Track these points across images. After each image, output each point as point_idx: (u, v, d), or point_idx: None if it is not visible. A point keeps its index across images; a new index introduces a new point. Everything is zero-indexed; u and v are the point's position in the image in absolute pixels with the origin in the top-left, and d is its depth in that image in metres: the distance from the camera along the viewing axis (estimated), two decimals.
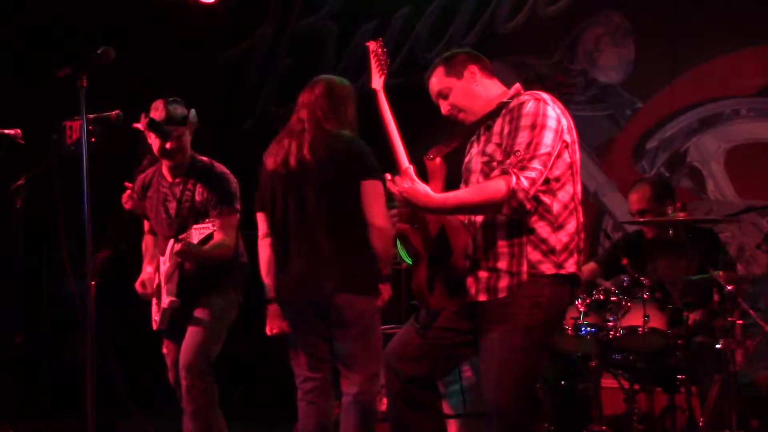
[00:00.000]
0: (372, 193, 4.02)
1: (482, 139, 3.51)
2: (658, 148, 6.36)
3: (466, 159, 3.61)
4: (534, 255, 3.32)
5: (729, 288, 4.58)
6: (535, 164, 3.24)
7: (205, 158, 4.74)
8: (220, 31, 8.30)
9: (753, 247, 5.87)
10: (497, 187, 3.23)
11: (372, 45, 3.64)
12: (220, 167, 4.71)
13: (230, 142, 7.81)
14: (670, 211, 5.01)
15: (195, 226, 4.40)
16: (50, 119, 4.78)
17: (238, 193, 4.67)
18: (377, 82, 3.59)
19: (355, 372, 4.09)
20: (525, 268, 3.32)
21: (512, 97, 3.47)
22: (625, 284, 4.93)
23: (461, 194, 3.37)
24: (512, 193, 3.20)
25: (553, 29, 6.78)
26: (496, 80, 3.63)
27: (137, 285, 4.65)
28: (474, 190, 3.36)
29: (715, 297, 4.77)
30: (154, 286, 4.61)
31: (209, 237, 4.44)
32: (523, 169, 3.23)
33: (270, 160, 4.21)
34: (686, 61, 6.28)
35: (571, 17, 6.72)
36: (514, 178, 3.21)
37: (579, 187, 3.44)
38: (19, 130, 4.40)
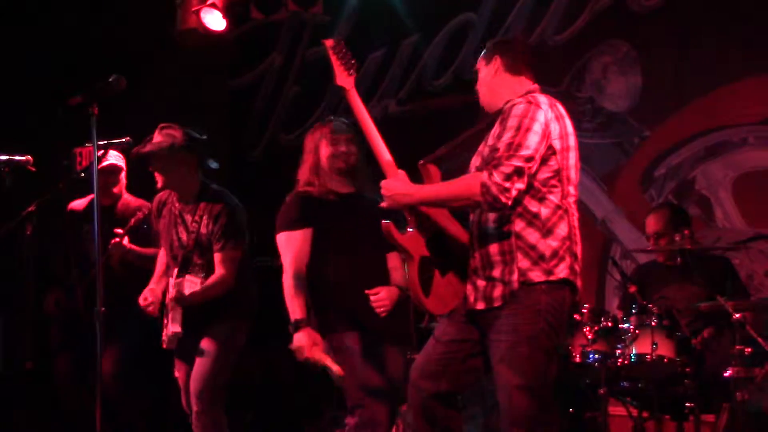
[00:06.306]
0: None
1: (484, 141, 3.53)
2: (666, 176, 6.35)
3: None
4: (524, 263, 3.33)
5: (736, 316, 4.56)
6: (513, 161, 3.26)
7: (216, 186, 4.74)
8: (230, 60, 8.35)
9: (762, 275, 5.86)
10: (471, 181, 3.31)
11: (329, 42, 3.57)
12: (230, 197, 4.69)
13: (238, 170, 7.83)
14: (678, 238, 4.99)
15: (188, 277, 4.50)
16: (61, 146, 4.81)
17: (246, 223, 4.68)
18: (344, 79, 3.52)
19: None
20: (516, 276, 3.33)
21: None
22: (633, 312, 4.93)
23: (438, 185, 3.47)
24: (485, 188, 3.24)
25: (560, 57, 6.80)
26: (524, 78, 3.56)
27: (140, 299, 4.64)
28: (450, 182, 3.42)
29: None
30: (160, 304, 4.63)
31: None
32: (497, 166, 3.26)
33: None
34: (693, 90, 6.28)
35: (578, 46, 6.73)
36: (486, 173, 3.25)
37: (571, 190, 3.41)
38: (30, 157, 4.44)
